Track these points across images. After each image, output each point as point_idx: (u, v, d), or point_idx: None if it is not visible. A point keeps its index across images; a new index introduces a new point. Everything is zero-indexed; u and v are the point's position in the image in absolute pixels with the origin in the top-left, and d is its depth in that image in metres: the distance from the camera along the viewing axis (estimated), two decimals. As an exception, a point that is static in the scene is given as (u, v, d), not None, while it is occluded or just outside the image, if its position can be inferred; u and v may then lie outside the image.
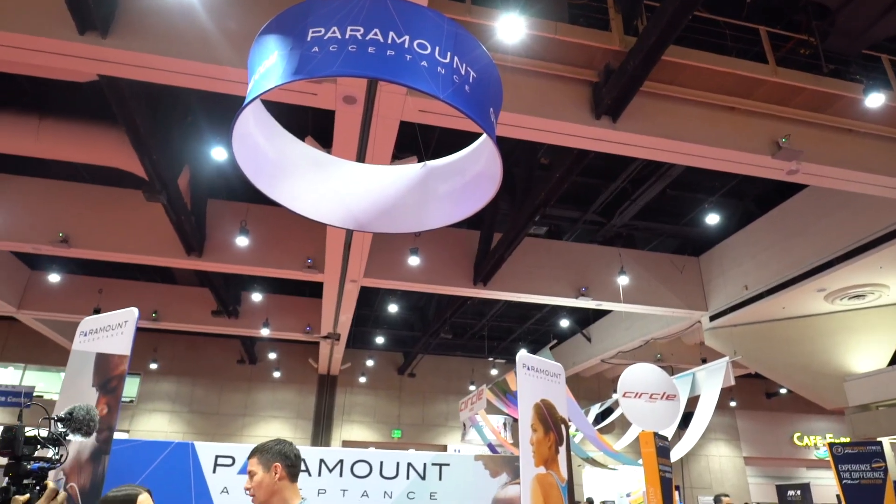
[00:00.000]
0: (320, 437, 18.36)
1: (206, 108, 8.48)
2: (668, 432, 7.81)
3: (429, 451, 4.38)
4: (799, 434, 20.83)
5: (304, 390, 19.05)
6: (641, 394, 6.46)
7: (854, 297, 10.39)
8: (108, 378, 3.13)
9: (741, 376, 16.06)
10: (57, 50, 5.39)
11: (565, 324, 16.61)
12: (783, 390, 19.73)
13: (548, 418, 3.90)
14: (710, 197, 10.75)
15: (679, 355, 15.81)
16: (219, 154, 8.50)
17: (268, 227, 10.55)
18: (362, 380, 19.43)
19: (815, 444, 20.55)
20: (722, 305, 11.74)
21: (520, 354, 3.95)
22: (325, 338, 14.51)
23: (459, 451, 18.47)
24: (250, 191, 2.86)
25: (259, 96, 2.36)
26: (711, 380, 9.28)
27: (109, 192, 10.28)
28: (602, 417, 14.16)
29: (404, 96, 5.73)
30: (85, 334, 3.35)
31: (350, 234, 8.78)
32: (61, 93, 8.04)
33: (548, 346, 9.26)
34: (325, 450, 4.17)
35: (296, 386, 19.09)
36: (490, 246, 10.68)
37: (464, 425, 17.89)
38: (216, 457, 3.87)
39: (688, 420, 9.67)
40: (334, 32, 2.27)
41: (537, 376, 4.01)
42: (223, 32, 5.54)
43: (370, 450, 4.19)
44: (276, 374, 18.95)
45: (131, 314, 3.26)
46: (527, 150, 9.04)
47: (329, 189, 3.38)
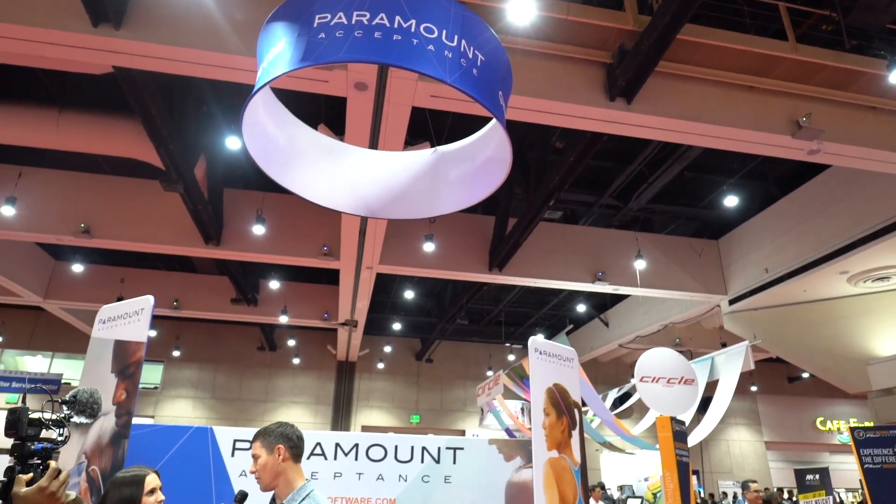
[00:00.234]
0: (340, 422, 18.62)
1: (219, 98, 8.53)
2: (687, 417, 7.77)
3: (445, 436, 4.42)
4: (822, 418, 20.60)
5: (323, 376, 19.30)
6: (659, 378, 6.42)
7: (878, 279, 10.17)
8: (126, 364, 3.20)
9: (762, 360, 15.89)
10: (72, 43, 5.46)
11: (582, 309, 16.54)
12: (805, 374, 19.48)
13: (560, 402, 3.91)
14: (729, 179, 10.57)
15: (698, 340, 15.67)
16: (233, 143, 8.57)
17: (284, 215, 10.64)
18: (380, 366, 19.61)
19: (839, 429, 20.31)
20: (742, 289, 11.58)
21: (532, 339, 3.95)
22: (343, 324, 14.64)
23: (478, 436, 18.60)
24: (265, 179, 2.87)
25: (267, 84, 2.36)
26: (730, 364, 9.20)
27: (129, 183, 10.44)
28: (620, 402, 14.13)
29: (415, 82, 5.70)
30: (103, 322, 3.43)
31: (364, 221, 8.81)
32: (79, 85, 8.15)
33: (564, 331, 9.22)
34: (340, 434, 4.23)
35: (315, 372, 19.35)
36: (505, 231, 10.65)
37: (481, 410, 17.99)
38: (234, 441, 3.95)
39: (707, 404, 9.62)
40: (340, 18, 2.26)
41: (550, 361, 4.01)
42: (232, 21, 5.55)
43: (389, 434, 4.24)
44: (296, 361, 19.21)
45: (147, 302, 3.32)
46: (541, 134, 8.96)
47: (340, 176, 3.39)
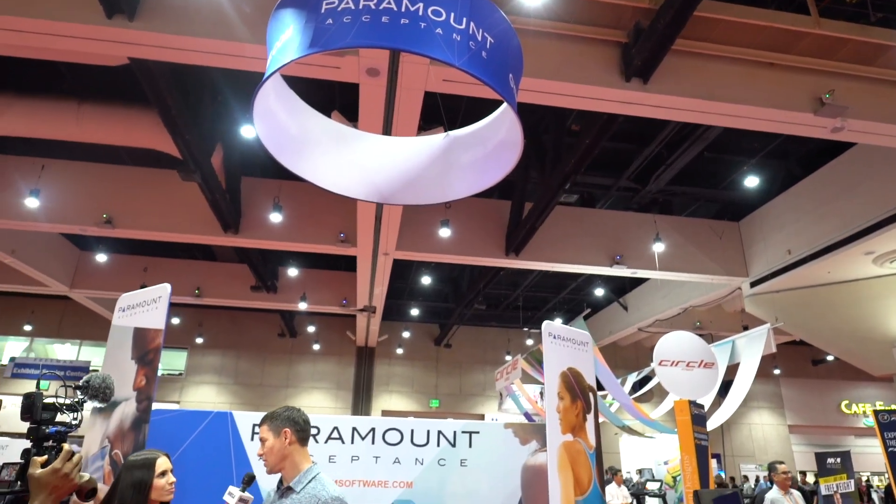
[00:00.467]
0: (360, 406, 18.85)
1: (235, 87, 8.58)
2: (707, 400, 7.71)
3: (463, 420, 4.45)
4: (847, 401, 20.30)
5: (343, 362, 19.53)
6: (678, 362, 6.37)
7: (905, 259, 9.94)
8: (145, 351, 3.27)
9: (785, 343, 15.67)
10: (87, 35, 5.52)
11: (601, 293, 16.45)
12: (830, 357, 19.18)
13: (575, 386, 3.90)
14: (751, 159, 10.36)
15: (719, 323, 15.51)
16: (249, 132, 8.63)
17: (301, 202, 10.71)
18: (399, 351, 19.76)
19: (864, 412, 20.00)
20: (763, 271, 11.40)
21: (545, 324, 3.94)
22: (362, 310, 14.77)
23: (497, 420, 18.70)
24: (282, 167, 2.89)
25: (276, 71, 2.36)
26: (752, 347, 9.07)
27: (149, 174, 10.59)
28: (640, 386, 14.07)
29: (427, 66, 5.66)
30: (123, 310, 3.50)
31: (380, 207, 8.83)
32: (97, 78, 8.25)
33: (581, 315, 9.18)
34: (357, 418, 4.28)
35: (335, 358, 19.58)
36: (521, 215, 10.59)
37: (500, 395, 18.07)
38: (253, 425, 4.02)
39: (727, 388, 9.53)
40: (348, 3, 2.24)
41: (564, 345, 4.00)
42: (241, 10, 5.57)
43: (404, 418, 4.28)
44: (316, 347, 19.45)
45: (164, 290, 3.38)
46: (556, 116, 8.86)
47: (352, 162, 3.39)
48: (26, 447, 1.51)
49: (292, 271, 14.65)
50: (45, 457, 1.44)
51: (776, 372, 19.94)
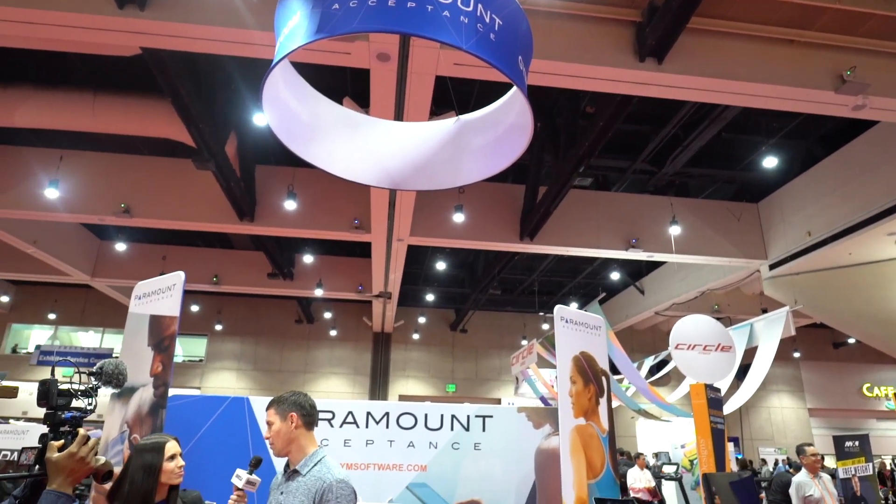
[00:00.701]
0: (377, 391, 19.04)
1: (247, 75, 8.59)
2: (724, 384, 7.65)
3: (476, 404, 4.47)
4: (868, 384, 20.03)
5: (359, 347, 19.71)
6: (695, 345, 6.32)
7: (929, 240, 9.71)
8: (161, 338, 3.33)
9: (806, 326, 15.46)
10: (99, 25, 5.55)
11: (617, 277, 16.33)
12: (851, 340, 18.90)
13: (587, 370, 3.89)
14: (769, 139, 10.15)
15: (737, 306, 15.33)
16: (262, 120, 8.64)
17: (315, 189, 10.75)
18: (416, 336, 19.88)
19: (886, 395, 19.73)
20: (782, 253, 11.22)
21: (557, 308, 3.93)
22: (377, 296, 14.85)
23: (513, 405, 18.79)
24: (295, 155, 2.91)
25: (284, 57, 2.36)
26: (770, 331, 8.97)
27: (164, 163, 10.70)
28: (657, 369, 14.01)
29: (438, 50, 5.61)
30: (139, 298, 3.56)
31: (393, 193, 8.83)
32: (112, 68, 8.31)
33: (596, 299, 9.14)
34: (372, 403, 4.33)
35: (352, 343, 19.76)
36: (536, 199, 10.52)
37: (516, 379, 18.13)
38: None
39: (746, 371, 9.43)
40: (354, -12, 2.23)
41: (576, 329, 3.99)
42: (255, -4, 5.55)
43: (418, 402, 4.31)
44: (333, 333, 19.63)
45: (178, 278, 3.42)
46: (570, 99, 8.75)
47: (363, 148, 3.39)
48: (44, 432, 1.56)
49: (308, 258, 14.75)
50: (62, 441, 1.49)
51: (796, 355, 19.70)
